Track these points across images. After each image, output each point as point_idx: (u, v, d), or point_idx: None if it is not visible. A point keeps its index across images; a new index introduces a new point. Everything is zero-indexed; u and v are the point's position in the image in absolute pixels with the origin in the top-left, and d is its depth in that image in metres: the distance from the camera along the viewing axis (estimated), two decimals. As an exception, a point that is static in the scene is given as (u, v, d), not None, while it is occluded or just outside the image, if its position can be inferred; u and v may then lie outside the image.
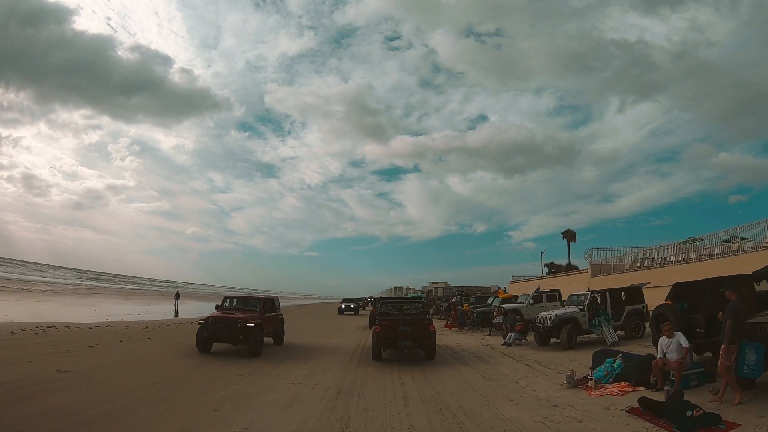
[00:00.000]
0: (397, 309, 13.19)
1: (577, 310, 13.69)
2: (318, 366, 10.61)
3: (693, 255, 22.99)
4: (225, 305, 13.24)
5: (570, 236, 47.07)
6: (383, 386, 8.46)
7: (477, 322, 20.84)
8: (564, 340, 13.04)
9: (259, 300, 13.40)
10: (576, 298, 14.58)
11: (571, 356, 11.73)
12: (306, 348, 14.26)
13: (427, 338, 11.10)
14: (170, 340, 14.95)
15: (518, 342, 14.40)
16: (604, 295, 14.37)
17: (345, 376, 9.47)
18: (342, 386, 8.32)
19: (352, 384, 8.58)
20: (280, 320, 14.14)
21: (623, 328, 14.26)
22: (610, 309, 14.18)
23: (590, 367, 9.49)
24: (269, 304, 13.54)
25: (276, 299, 14.65)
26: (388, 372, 9.99)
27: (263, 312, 12.65)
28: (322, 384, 8.46)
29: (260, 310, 12.60)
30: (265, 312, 12.83)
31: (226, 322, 11.43)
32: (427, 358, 11.31)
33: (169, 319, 23.74)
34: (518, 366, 10.64)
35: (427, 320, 11.65)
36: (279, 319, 14.09)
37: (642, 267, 25.83)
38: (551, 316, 13.43)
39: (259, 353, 11.57)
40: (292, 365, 10.62)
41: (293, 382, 8.63)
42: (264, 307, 12.93)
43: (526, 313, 18.86)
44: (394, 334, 10.96)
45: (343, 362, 11.37)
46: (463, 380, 8.98)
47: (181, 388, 7.67)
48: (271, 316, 13.21)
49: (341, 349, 14.22)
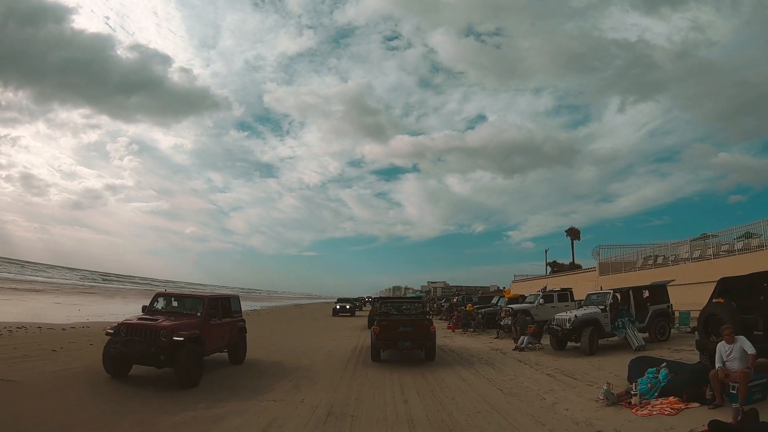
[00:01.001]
0: (397, 309, 12.80)
1: (599, 310, 12.26)
2: (306, 378, 9.15)
3: (710, 251, 21.65)
4: (154, 306, 9.20)
5: (574, 234, 45.68)
6: (382, 404, 7.02)
7: (482, 324, 19.39)
8: (585, 344, 11.61)
9: (201, 300, 9.18)
10: (596, 297, 13.15)
11: (596, 363, 10.31)
12: (294, 353, 12.82)
13: (427, 339, 10.79)
14: None
15: (532, 346, 12.97)
16: (626, 293, 12.96)
17: (337, 390, 8.01)
18: (333, 404, 6.87)
19: (344, 401, 7.13)
20: (238, 329, 10.26)
21: (647, 330, 12.85)
22: (634, 309, 12.79)
23: (627, 378, 8.13)
24: (220, 307, 9.54)
25: (233, 299, 10.72)
26: (388, 384, 8.54)
27: (207, 318, 8.72)
28: (309, 402, 7.00)
29: (202, 315, 8.65)
30: (213, 317, 9.00)
31: (144, 333, 7.52)
32: (427, 359, 11.01)
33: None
34: (539, 376, 9.19)
35: (427, 321, 11.31)
36: (237, 327, 10.22)
37: (654, 265, 24.46)
38: (570, 317, 11.99)
39: (193, 382, 7.69)
40: (267, 383, 9.14)
41: (274, 399, 7.16)
42: (209, 311, 8.90)
43: (536, 313, 17.44)
44: (393, 334, 10.64)
45: (335, 371, 9.91)
46: (478, 396, 7.53)
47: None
48: (222, 324, 9.37)
49: (335, 355, 12.76)
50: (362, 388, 8.12)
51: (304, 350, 13.90)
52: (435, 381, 8.74)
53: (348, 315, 34.43)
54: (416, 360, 11.18)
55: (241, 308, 11.05)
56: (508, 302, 20.67)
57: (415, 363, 10.83)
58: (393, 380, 8.85)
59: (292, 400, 7.12)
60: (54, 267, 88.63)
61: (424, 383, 8.56)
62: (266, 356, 12.31)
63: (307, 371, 9.85)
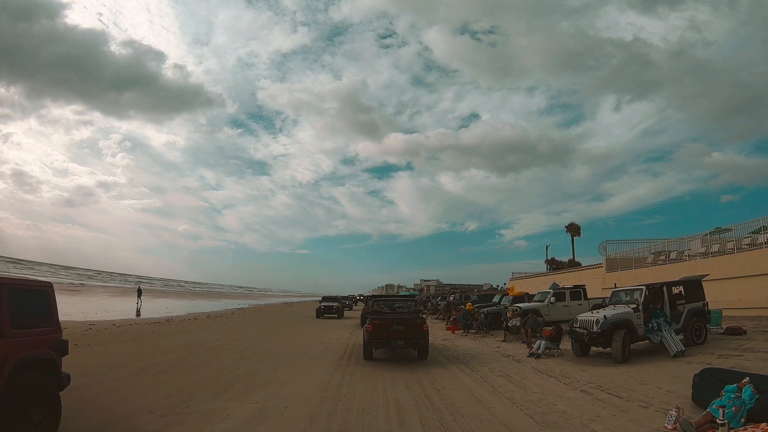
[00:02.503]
0: (390, 308, 12.48)
1: (630, 310, 10.41)
2: (277, 398, 7.15)
3: (730, 246, 19.99)
4: None
5: (574, 230, 44.03)
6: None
7: (486, 325, 17.52)
8: (617, 350, 9.76)
9: None
10: (625, 295, 11.29)
11: (634, 374, 8.46)
12: (272, 359, 10.83)
13: (420, 338, 10.60)
14: (98, 348, 11.80)
15: (550, 352, 11.09)
16: (659, 290, 11.12)
17: (314, 420, 6.01)
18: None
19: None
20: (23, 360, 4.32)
21: (682, 331, 11.03)
22: (668, 308, 10.98)
23: (692, 397, 6.28)
24: None
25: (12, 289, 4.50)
26: (382, 408, 6.57)
27: None
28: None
29: None
30: None
31: None
32: (420, 358, 10.89)
33: (125, 319, 20.11)
34: (572, 394, 7.28)
35: (420, 319, 11.11)
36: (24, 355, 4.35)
37: (668, 260, 22.73)
38: (598, 318, 10.11)
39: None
40: (223, 406, 7.13)
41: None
42: None
43: (547, 313, 15.65)
44: (386, 333, 10.47)
45: (316, 389, 7.91)
46: (503, 427, 5.58)
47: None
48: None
49: (319, 363, 10.79)
50: (347, 414, 6.14)
51: (284, 355, 11.94)
52: (442, 403, 6.77)
53: (334, 317, 29.07)
54: (416, 376, 9.24)
55: (55, 312, 5.10)
56: (513, 301, 18.86)
57: (415, 379, 8.87)
58: (389, 402, 6.88)
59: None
60: (40, 264, 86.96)
61: (428, 406, 6.60)
62: (237, 364, 10.36)
63: (282, 386, 7.87)
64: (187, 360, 10.79)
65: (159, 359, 10.80)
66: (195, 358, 11.04)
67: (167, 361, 10.55)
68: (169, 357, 11.17)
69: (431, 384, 8.06)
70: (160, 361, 10.49)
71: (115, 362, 10.16)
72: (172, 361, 10.67)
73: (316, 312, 29.40)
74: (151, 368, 9.60)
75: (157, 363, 10.28)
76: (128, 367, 9.63)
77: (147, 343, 13.72)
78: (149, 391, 7.28)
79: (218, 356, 11.48)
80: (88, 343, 12.77)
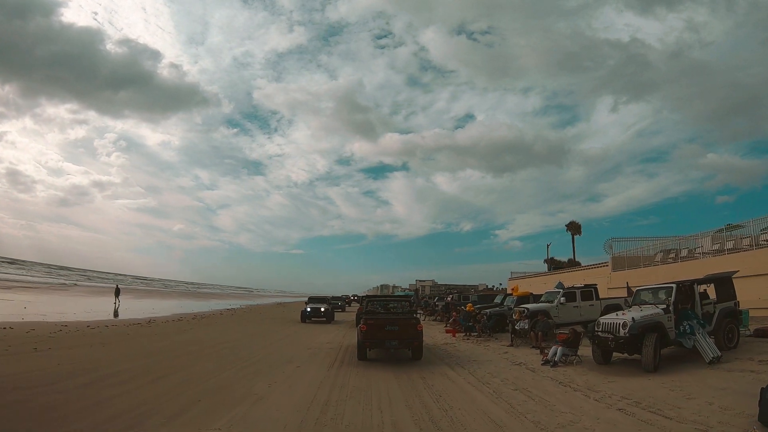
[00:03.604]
0: (384, 308, 12.33)
1: (661, 311, 9.16)
2: (247, 419, 5.82)
3: (746, 242, 18.87)
4: None
5: (575, 229, 42.88)
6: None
7: (489, 327, 16.24)
8: (649, 358, 8.51)
9: None
10: (651, 293, 10.05)
11: (673, 386, 7.24)
12: (252, 367, 9.50)
13: (414, 338, 10.60)
14: (60, 353, 10.53)
15: (567, 359, 9.82)
16: (690, 288, 9.89)
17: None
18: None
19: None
20: None
21: (714, 334, 9.80)
22: (699, 308, 9.77)
23: (758, 416, 5.04)
24: None
25: None
26: (377, 430, 5.26)
27: None
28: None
29: None
30: None
31: None
32: (414, 359, 10.88)
33: (103, 320, 18.63)
34: (608, 413, 6.00)
35: (414, 319, 11.08)
36: None
37: (679, 258, 21.60)
38: (625, 321, 8.84)
39: None
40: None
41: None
42: None
43: (556, 315, 14.41)
44: (380, 333, 10.47)
45: (297, 407, 6.59)
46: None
47: None
48: None
49: (305, 372, 9.47)
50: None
51: (266, 363, 10.60)
52: (452, 429, 5.46)
53: (323, 321, 24.67)
54: (417, 390, 7.95)
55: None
56: (518, 301, 17.61)
57: (416, 394, 7.57)
58: (385, 427, 5.57)
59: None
60: (28, 263, 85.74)
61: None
62: (211, 373, 9.03)
63: (256, 405, 6.54)
64: (154, 368, 9.44)
65: (123, 366, 9.46)
66: (164, 366, 9.70)
67: (132, 369, 9.20)
68: (136, 364, 9.83)
69: (436, 401, 6.77)
70: (123, 369, 9.16)
71: (70, 370, 8.84)
72: (137, 369, 9.33)
73: (301, 315, 24.66)
74: (110, 378, 8.27)
75: (120, 371, 8.94)
76: (83, 376, 8.30)
77: (117, 346, 12.37)
78: (94, 410, 5.96)
79: (192, 363, 10.14)
80: (50, 347, 11.43)
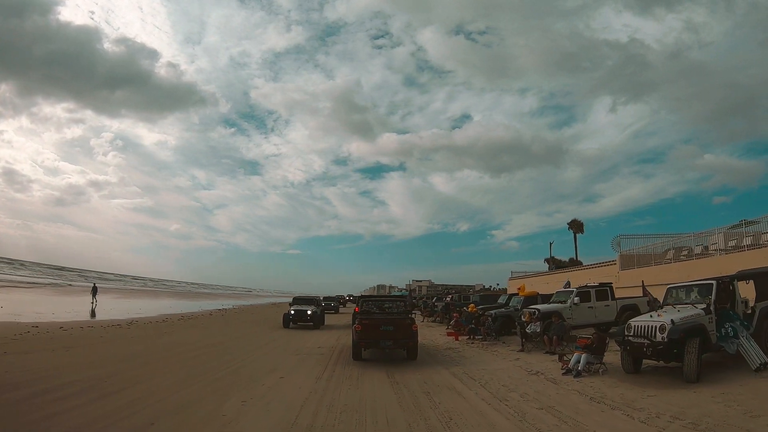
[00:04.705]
0: (379, 308, 12.18)
1: (701, 312, 7.90)
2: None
3: (766, 238, 17.68)
4: None
5: (577, 227, 41.68)
6: None
7: (495, 330, 14.96)
8: (692, 366, 7.26)
9: None
10: (684, 291, 8.77)
11: (720, 397, 6.05)
12: (222, 381, 8.18)
13: (409, 338, 10.67)
14: (14, 358, 9.48)
15: (590, 368, 8.54)
16: (729, 286, 8.62)
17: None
18: None
19: None
20: None
21: (755, 337, 8.54)
22: (740, 308, 8.53)
23: None
24: None
25: None
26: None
27: None
28: None
29: None
30: None
31: None
32: (410, 359, 10.86)
33: (78, 321, 17.29)
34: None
35: (409, 320, 11.12)
36: None
37: (693, 255, 20.37)
38: (663, 323, 7.57)
39: None
40: None
41: None
42: None
43: (570, 316, 13.13)
44: (375, 333, 10.55)
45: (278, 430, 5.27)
46: None
47: None
48: None
49: (284, 389, 8.16)
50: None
51: (245, 373, 9.24)
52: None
53: (310, 325, 20.20)
54: (421, 408, 6.66)
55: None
56: (525, 302, 16.35)
57: (420, 415, 6.27)
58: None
59: None
60: (27, 263, 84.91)
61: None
62: (176, 386, 7.71)
63: (223, 429, 5.21)
64: (113, 378, 8.12)
65: (77, 376, 8.17)
66: (126, 376, 8.38)
67: (85, 380, 7.91)
68: (93, 373, 8.52)
69: (446, 425, 5.45)
70: (75, 380, 7.87)
71: (15, 380, 7.62)
72: (92, 379, 8.03)
73: (283, 320, 20.02)
74: (56, 391, 6.98)
75: (71, 382, 7.66)
76: (24, 388, 7.02)
77: (82, 351, 11.07)
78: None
79: (157, 373, 8.80)
80: (6, 351, 10.24)
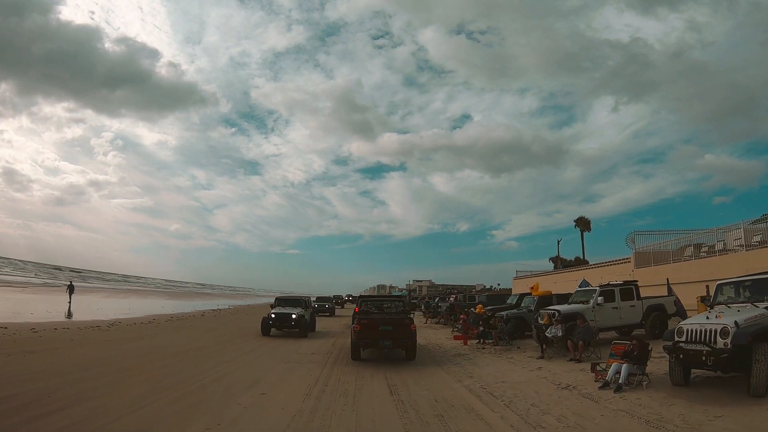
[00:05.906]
0: (378, 308, 12.28)
1: (765, 312, 6.52)
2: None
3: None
4: None
5: (584, 225, 40.29)
6: None
7: (508, 334, 13.57)
8: (762, 377, 5.88)
9: None
10: (734, 288, 7.37)
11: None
12: (188, 399, 6.80)
13: (408, 338, 10.60)
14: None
15: (634, 379, 7.15)
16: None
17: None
18: None
19: None
20: None
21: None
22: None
23: None
24: None
25: None
26: None
27: None
28: None
29: None
30: None
31: None
32: (408, 359, 10.79)
33: (55, 322, 15.92)
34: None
35: (408, 319, 11.02)
36: None
37: (715, 252, 18.97)
38: (725, 326, 6.17)
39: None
40: None
41: None
42: None
43: (593, 318, 11.74)
44: (374, 333, 10.44)
45: None
46: None
47: None
48: None
49: (275, 398, 6.77)
50: None
51: (220, 388, 7.76)
52: None
53: (294, 330, 16.21)
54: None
55: None
56: (539, 302, 14.97)
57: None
58: None
59: None
60: (27, 263, 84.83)
61: None
62: (130, 405, 6.32)
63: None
64: (59, 392, 6.78)
65: (21, 389, 6.88)
66: (76, 389, 7.02)
67: (27, 394, 6.60)
68: (40, 385, 7.18)
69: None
70: (15, 394, 6.59)
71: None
72: (36, 392, 6.70)
73: (262, 325, 16.17)
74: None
75: (8, 397, 6.39)
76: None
77: (43, 357, 9.75)
78: None
79: (117, 386, 7.41)
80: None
